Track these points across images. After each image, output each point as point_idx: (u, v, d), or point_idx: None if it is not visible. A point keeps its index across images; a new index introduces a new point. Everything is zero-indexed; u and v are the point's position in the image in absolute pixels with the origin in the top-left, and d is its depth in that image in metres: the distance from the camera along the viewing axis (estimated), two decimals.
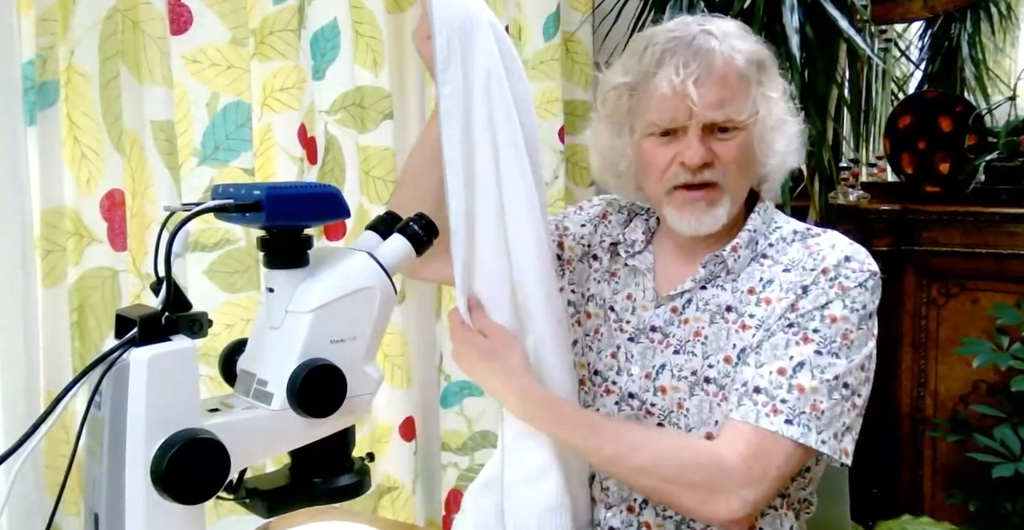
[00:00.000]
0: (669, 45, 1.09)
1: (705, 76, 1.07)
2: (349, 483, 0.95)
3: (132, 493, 0.79)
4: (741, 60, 1.09)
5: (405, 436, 1.78)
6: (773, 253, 1.15)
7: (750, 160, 1.12)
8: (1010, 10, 2.42)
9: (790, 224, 1.18)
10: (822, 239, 1.14)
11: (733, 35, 1.11)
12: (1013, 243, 2.01)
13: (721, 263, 1.14)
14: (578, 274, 1.26)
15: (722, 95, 1.07)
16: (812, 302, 1.08)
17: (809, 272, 1.10)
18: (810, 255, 1.12)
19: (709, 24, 1.12)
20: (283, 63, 1.56)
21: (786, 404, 1.03)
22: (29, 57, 1.27)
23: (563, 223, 1.30)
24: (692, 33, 1.09)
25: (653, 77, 1.08)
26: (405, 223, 0.98)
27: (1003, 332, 1.94)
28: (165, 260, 0.82)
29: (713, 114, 1.08)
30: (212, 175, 1.53)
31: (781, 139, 1.13)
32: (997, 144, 2.15)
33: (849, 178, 2.31)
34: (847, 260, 1.10)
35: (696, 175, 1.10)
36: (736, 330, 1.11)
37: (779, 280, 1.11)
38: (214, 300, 1.53)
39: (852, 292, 1.08)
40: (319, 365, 0.86)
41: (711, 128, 1.09)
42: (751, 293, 1.12)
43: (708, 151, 1.09)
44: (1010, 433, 1.86)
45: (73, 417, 1.29)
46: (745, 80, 1.09)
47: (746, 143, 1.11)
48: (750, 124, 1.10)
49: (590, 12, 2.10)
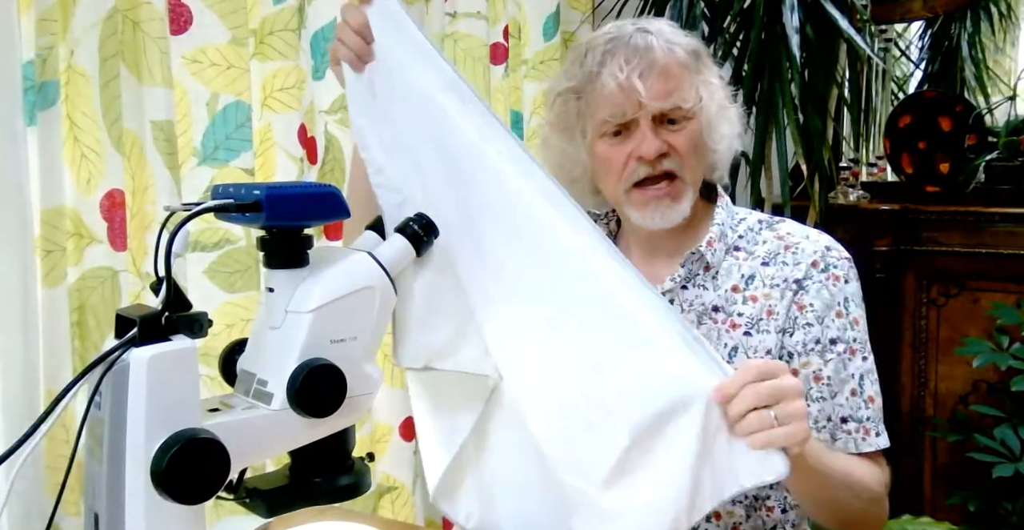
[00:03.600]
0: (608, 47, 1.11)
1: (648, 69, 1.09)
2: (349, 483, 0.95)
3: (132, 493, 0.79)
4: (679, 51, 1.11)
5: (405, 436, 1.78)
6: (744, 244, 1.17)
7: (702, 147, 1.14)
8: (1010, 10, 2.42)
9: (752, 214, 1.22)
10: (787, 228, 1.18)
11: (667, 31, 1.13)
12: (1013, 243, 2.01)
13: (699, 259, 1.15)
14: None
15: (667, 85, 1.09)
16: (825, 304, 1.11)
17: (795, 266, 1.13)
18: (786, 247, 1.15)
19: (643, 23, 1.14)
20: (283, 63, 1.56)
21: (871, 420, 1.12)
22: (29, 57, 1.27)
23: None
24: (628, 33, 1.12)
25: (598, 76, 1.10)
26: (405, 223, 0.98)
27: (1003, 332, 1.94)
28: (165, 260, 0.82)
29: (661, 104, 1.09)
30: (212, 175, 1.53)
31: (725, 123, 1.15)
32: (997, 144, 2.15)
33: (849, 178, 2.31)
34: (828, 249, 1.15)
35: (655, 167, 1.11)
36: (726, 330, 1.13)
37: (760, 275, 1.14)
38: (214, 300, 1.53)
39: (852, 285, 1.14)
40: (319, 365, 0.86)
41: (660, 120, 1.11)
42: (735, 291, 1.14)
43: (662, 142, 1.11)
44: (1010, 433, 1.86)
45: (73, 417, 1.29)
46: (686, 69, 1.11)
47: (696, 131, 1.12)
48: (697, 111, 1.12)
49: (590, 12, 2.10)
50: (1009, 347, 1.91)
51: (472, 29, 1.87)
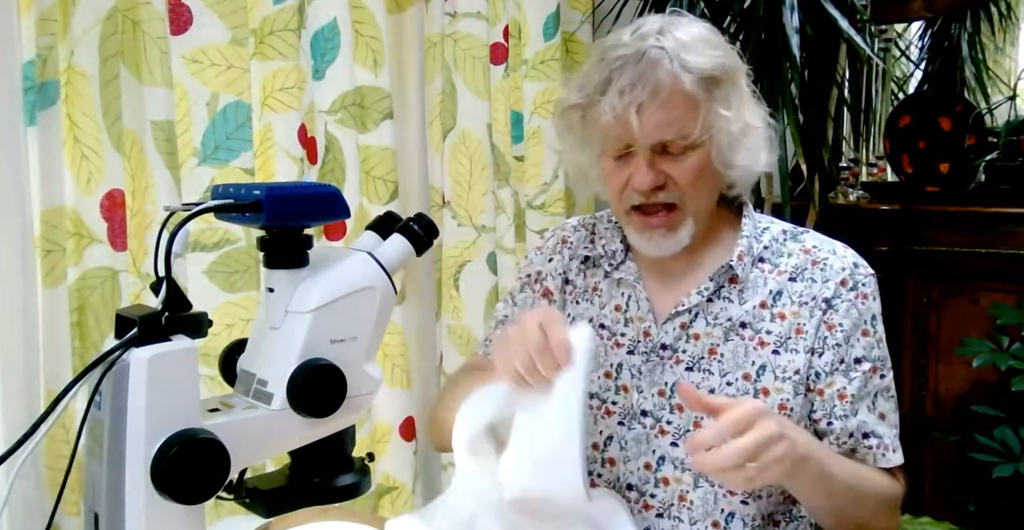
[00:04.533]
0: (616, 64, 1.05)
1: (649, 100, 1.03)
2: (349, 483, 0.95)
3: (132, 493, 0.79)
4: (689, 80, 1.04)
5: (405, 436, 1.78)
6: (769, 256, 1.15)
7: (708, 176, 1.10)
8: (1010, 10, 2.42)
9: (775, 224, 1.20)
10: (812, 241, 1.16)
11: (689, 48, 1.06)
12: (1013, 243, 2.01)
13: (727, 271, 1.14)
14: (560, 305, 1.24)
15: (668, 116, 1.04)
16: (853, 323, 1.11)
17: (823, 284, 1.12)
18: (814, 263, 1.13)
19: (667, 34, 1.07)
20: (283, 63, 1.56)
21: (887, 437, 1.12)
22: (29, 57, 1.27)
23: (535, 269, 1.28)
24: (643, 49, 1.05)
25: (598, 103, 1.06)
26: (405, 223, 0.98)
27: (1003, 332, 1.94)
28: (165, 260, 0.82)
29: (658, 137, 1.06)
30: (212, 175, 1.53)
31: (741, 152, 1.10)
32: (997, 144, 2.15)
33: (849, 178, 2.31)
34: (856, 266, 1.13)
35: (649, 197, 1.09)
36: (754, 347, 1.12)
37: (787, 291, 1.12)
38: (214, 300, 1.53)
39: (877, 304, 1.14)
40: (319, 365, 0.86)
41: (661, 149, 1.07)
42: (763, 307, 1.12)
43: (659, 174, 1.07)
44: (1010, 433, 1.86)
45: (73, 417, 1.29)
46: (693, 100, 1.05)
47: (702, 161, 1.08)
48: (705, 140, 1.07)
49: (590, 12, 2.09)
50: (1009, 347, 1.91)
51: (472, 29, 1.87)
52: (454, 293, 1.92)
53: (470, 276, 1.91)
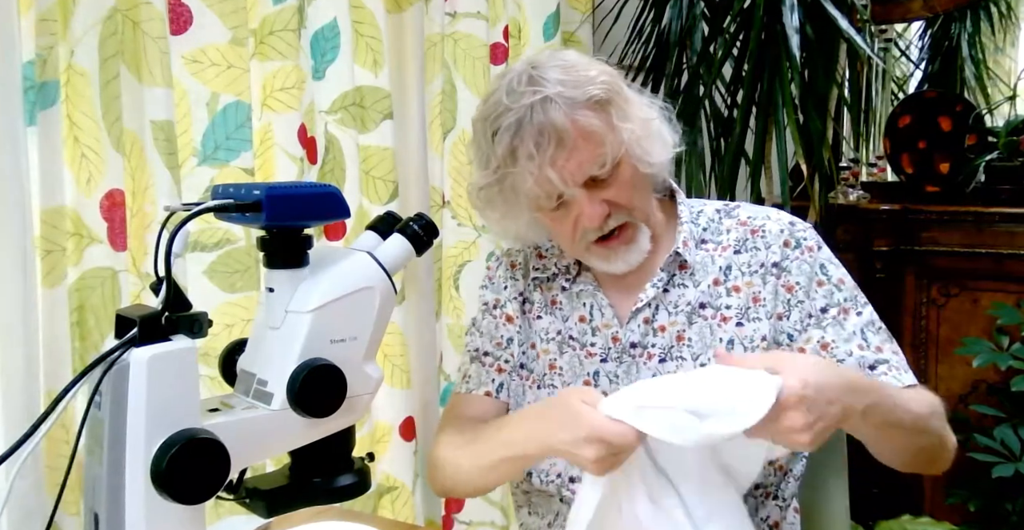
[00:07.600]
0: (511, 131, 1.05)
1: (557, 151, 1.04)
2: (349, 483, 0.95)
3: (132, 493, 0.79)
4: (583, 116, 1.05)
5: (405, 436, 1.78)
6: (710, 236, 1.18)
7: (640, 182, 1.12)
8: (1010, 10, 2.42)
9: (708, 204, 1.22)
10: (746, 212, 1.19)
11: (566, 83, 1.05)
12: (1013, 243, 2.01)
13: (675, 259, 1.16)
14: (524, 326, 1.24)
15: (583, 157, 1.05)
16: (808, 277, 1.13)
17: (768, 250, 1.15)
18: (753, 232, 1.17)
19: (539, 81, 1.06)
20: (283, 63, 1.56)
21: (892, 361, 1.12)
22: (29, 57, 1.27)
23: (492, 298, 1.27)
24: (526, 106, 1.04)
25: (512, 175, 1.07)
26: (405, 223, 0.98)
27: (1003, 332, 1.94)
28: (165, 260, 0.82)
29: (583, 177, 1.06)
30: (212, 175, 1.53)
31: (655, 147, 1.12)
32: (997, 144, 2.15)
33: (849, 178, 2.32)
34: (792, 224, 1.17)
35: (603, 228, 1.10)
36: (718, 324, 1.14)
37: (735, 264, 1.15)
38: (214, 300, 1.53)
39: (824, 251, 1.15)
40: (319, 365, 0.86)
41: (591, 181, 1.08)
42: (717, 284, 1.15)
43: (601, 204, 1.08)
44: (1010, 433, 1.86)
45: (73, 417, 1.29)
46: (596, 131, 1.06)
47: (630, 173, 1.10)
48: (623, 155, 1.08)
49: (590, 12, 2.09)
50: (1009, 347, 1.91)
51: (472, 29, 1.87)
52: (454, 293, 1.93)
53: (470, 276, 1.91)
